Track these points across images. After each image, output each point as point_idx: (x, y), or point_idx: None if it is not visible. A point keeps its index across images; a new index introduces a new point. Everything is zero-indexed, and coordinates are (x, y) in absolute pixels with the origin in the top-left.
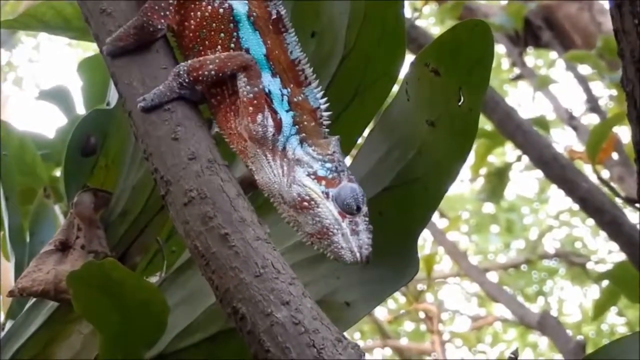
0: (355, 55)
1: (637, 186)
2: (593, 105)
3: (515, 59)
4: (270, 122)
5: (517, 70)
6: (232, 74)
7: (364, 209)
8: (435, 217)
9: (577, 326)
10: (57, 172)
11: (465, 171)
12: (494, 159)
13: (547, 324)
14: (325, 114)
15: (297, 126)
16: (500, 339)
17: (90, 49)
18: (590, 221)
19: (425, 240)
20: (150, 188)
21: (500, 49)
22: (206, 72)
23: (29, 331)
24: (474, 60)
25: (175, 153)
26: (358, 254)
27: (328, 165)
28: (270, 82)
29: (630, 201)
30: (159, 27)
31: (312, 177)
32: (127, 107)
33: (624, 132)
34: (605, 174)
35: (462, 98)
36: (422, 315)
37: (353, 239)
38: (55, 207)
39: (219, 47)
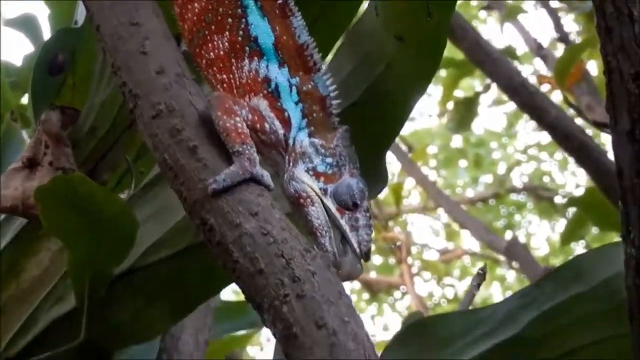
0: None
1: (606, 99)
2: (562, 35)
3: None
4: (277, 124)
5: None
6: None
7: (364, 204)
8: (404, 149)
9: (544, 259)
10: (25, 100)
11: (434, 106)
12: (462, 94)
13: (514, 251)
14: (335, 102)
15: (306, 119)
16: (469, 272)
17: None
18: (559, 155)
19: (394, 175)
20: (118, 105)
21: None
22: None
23: None
24: None
25: (144, 67)
26: (357, 250)
27: (328, 160)
28: (277, 74)
29: (599, 125)
30: None
31: (311, 172)
32: (95, 21)
33: (592, 66)
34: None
35: (430, 12)
36: (390, 246)
37: (352, 235)
38: (22, 132)
39: (227, 32)
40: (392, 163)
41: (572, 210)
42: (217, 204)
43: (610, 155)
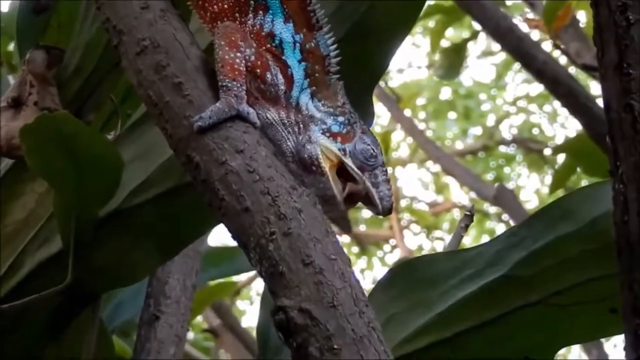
0: None
1: (593, 32)
2: None
3: None
4: (280, 78)
5: None
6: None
7: (380, 159)
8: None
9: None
10: (11, 47)
11: (423, 57)
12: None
13: (503, 198)
14: (334, 60)
15: (308, 79)
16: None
17: None
18: (548, 107)
19: (382, 127)
20: (103, 45)
21: None
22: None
23: None
24: None
25: (127, 2)
26: (380, 207)
27: (340, 119)
28: (283, 29)
29: (588, 68)
30: None
31: (327, 134)
32: None
33: (581, 16)
34: None
35: None
36: None
37: (374, 192)
38: (9, 78)
39: None
40: (382, 115)
41: (561, 162)
42: (202, 141)
43: (599, 102)
